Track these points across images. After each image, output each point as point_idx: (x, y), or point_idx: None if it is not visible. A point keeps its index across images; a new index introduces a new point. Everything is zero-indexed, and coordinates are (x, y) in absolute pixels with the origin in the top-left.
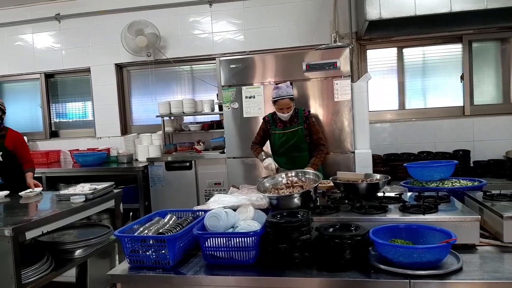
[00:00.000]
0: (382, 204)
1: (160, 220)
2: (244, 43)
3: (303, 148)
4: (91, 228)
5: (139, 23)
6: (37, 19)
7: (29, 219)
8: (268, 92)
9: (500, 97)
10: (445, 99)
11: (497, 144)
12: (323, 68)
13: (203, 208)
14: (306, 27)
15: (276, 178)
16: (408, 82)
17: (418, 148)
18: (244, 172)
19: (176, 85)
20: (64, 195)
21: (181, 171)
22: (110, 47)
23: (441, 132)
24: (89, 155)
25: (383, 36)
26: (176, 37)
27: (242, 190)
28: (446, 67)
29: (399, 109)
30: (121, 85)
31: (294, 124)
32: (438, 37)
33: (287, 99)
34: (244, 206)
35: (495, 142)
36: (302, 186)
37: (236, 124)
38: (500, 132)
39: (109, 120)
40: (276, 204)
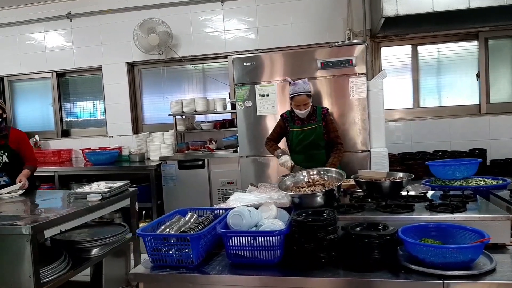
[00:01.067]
0: (408, 203)
1: (181, 218)
2: (256, 41)
3: (321, 146)
4: (106, 226)
5: (151, 21)
6: (48, 18)
7: (46, 217)
8: (282, 90)
9: None
10: (460, 97)
11: None
12: (338, 66)
13: (224, 206)
14: (319, 24)
15: (298, 176)
16: (423, 80)
17: (433, 147)
18: (257, 171)
19: (187, 84)
20: (80, 193)
21: (193, 170)
22: (121, 46)
23: (457, 130)
24: (101, 154)
25: (398, 34)
26: (188, 36)
27: (261, 188)
28: (461, 64)
29: (414, 107)
30: (132, 84)
31: (312, 121)
32: (454, 34)
33: (304, 95)
34: (266, 204)
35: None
36: (324, 185)
37: (249, 123)
38: None
39: (121, 119)
40: (299, 202)
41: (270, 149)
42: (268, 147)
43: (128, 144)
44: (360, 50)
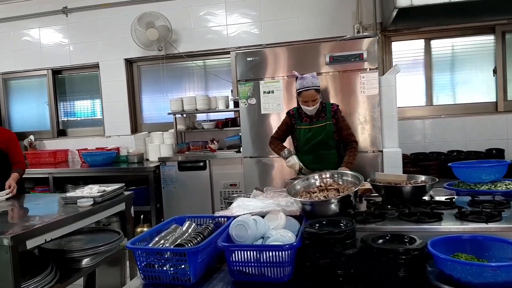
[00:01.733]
0: (435, 211)
1: (178, 228)
2: (260, 36)
3: (331, 145)
4: (100, 233)
5: (149, 15)
6: (44, 13)
7: (30, 226)
8: (288, 86)
9: None
10: (476, 94)
11: None
12: (348, 60)
13: (226, 214)
14: (326, 18)
15: (309, 180)
16: (436, 76)
17: (447, 147)
18: (261, 173)
19: (188, 81)
20: (70, 198)
21: (194, 171)
22: (119, 42)
23: (472, 129)
24: (98, 155)
25: (410, 27)
26: (188, 30)
27: (267, 193)
28: (477, 60)
29: (426, 105)
30: (131, 81)
31: (322, 119)
32: (469, 27)
33: (312, 90)
34: (273, 212)
35: None
36: (338, 190)
37: (253, 121)
38: None
39: (119, 118)
40: (310, 210)
41: (275, 148)
42: (273, 146)
43: (126, 144)
44: (371, 44)
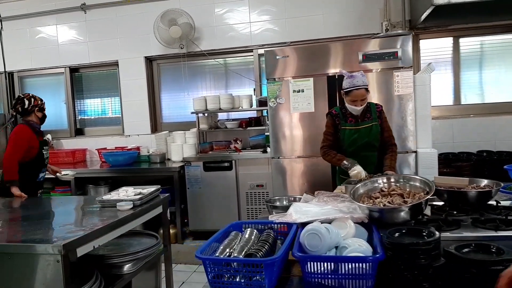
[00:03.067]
0: (509, 217)
1: (238, 235)
2: (284, 33)
3: (375, 147)
4: (136, 237)
5: (172, 12)
6: (61, 10)
7: (77, 232)
8: (318, 85)
9: None
10: (504, 94)
11: None
12: (382, 59)
13: (286, 220)
14: (353, 15)
15: (372, 184)
16: (465, 75)
17: (476, 147)
18: (290, 174)
19: (208, 79)
20: (108, 201)
21: (220, 171)
22: (139, 39)
23: (502, 129)
24: (119, 154)
25: (439, 25)
26: (210, 28)
27: (320, 197)
28: (506, 58)
29: (455, 104)
30: (151, 80)
31: (367, 119)
32: (498, 25)
33: (362, 90)
34: (341, 219)
35: None
36: (402, 195)
37: (282, 121)
38: None
39: (138, 117)
40: (379, 217)
41: (333, 159)
42: (329, 158)
43: (146, 144)
44: (406, 42)
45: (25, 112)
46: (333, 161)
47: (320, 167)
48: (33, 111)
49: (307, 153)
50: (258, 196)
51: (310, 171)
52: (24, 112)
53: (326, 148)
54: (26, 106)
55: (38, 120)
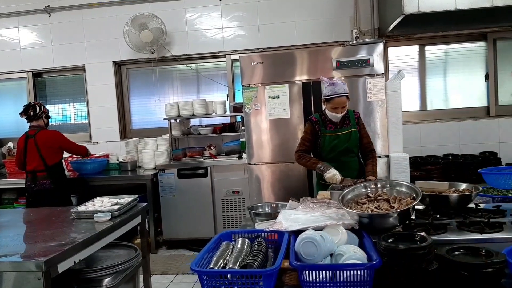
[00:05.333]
0: (491, 220)
1: (229, 245)
2: (257, 39)
3: (354, 152)
4: (113, 249)
5: (143, 16)
6: (24, 12)
7: (58, 247)
8: (293, 91)
9: None
10: (468, 99)
11: None
12: (355, 66)
13: (276, 228)
14: (325, 23)
15: (358, 190)
16: (430, 82)
17: (443, 151)
18: (267, 180)
19: (180, 85)
20: (84, 212)
21: (195, 178)
22: (107, 43)
23: (466, 133)
24: (88, 163)
25: (406, 33)
26: (182, 33)
27: (305, 203)
28: (469, 65)
29: (421, 109)
30: (119, 85)
31: (346, 126)
32: (462, 34)
33: (344, 97)
34: (332, 226)
35: None
36: (388, 200)
37: (258, 127)
38: None
39: (107, 124)
40: (368, 223)
41: (308, 163)
42: (303, 161)
43: (115, 151)
44: (378, 49)
45: (35, 117)
46: (308, 164)
47: (296, 172)
48: (41, 117)
49: (283, 158)
50: (234, 202)
51: (286, 177)
52: (35, 116)
53: (301, 152)
54: (37, 111)
55: (44, 126)
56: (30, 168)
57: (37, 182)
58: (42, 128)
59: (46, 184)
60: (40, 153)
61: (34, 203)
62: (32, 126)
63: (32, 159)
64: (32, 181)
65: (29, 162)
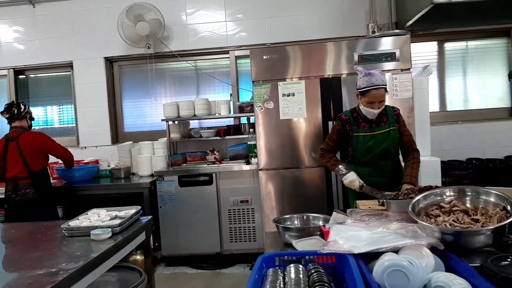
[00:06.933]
0: None
1: (278, 273)
2: (264, 34)
3: (392, 154)
4: (112, 272)
5: (140, 6)
6: (5, 2)
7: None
8: (310, 88)
9: None
10: (490, 100)
11: None
12: (379, 60)
13: (334, 249)
14: (337, 16)
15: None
16: (449, 80)
17: (465, 154)
18: (281, 188)
19: (178, 84)
20: (78, 229)
21: (198, 186)
22: (98, 38)
23: (489, 136)
24: (76, 169)
25: (425, 29)
26: (182, 26)
27: (354, 215)
28: (490, 63)
29: (441, 110)
30: (111, 84)
31: (384, 124)
32: (483, 30)
33: (382, 89)
34: (413, 247)
35: None
36: (467, 212)
37: (271, 128)
38: None
39: (96, 126)
40: (453, 240)
41: (328, 163)
42: (325, 161)
43: (106, 156)
44: (404, 42)
45: (19, 116)
46: (328, 165)
47: (313, 179)
48: (26, 117)
49: (299, 163)
50: (243, 213)
51: (301, 184)
52: (19, 116)
53: (324, 151)
54: (22, 110)
55: (28, 128)
56: (11, 175)
57: (19, 192)
58: (25, 130)
59: (29, 194)
60: (23, 158)
61: (15, 216)
62: (14, 127)
63: (14, 164)
64: (13, 190)
65: (9, 168)
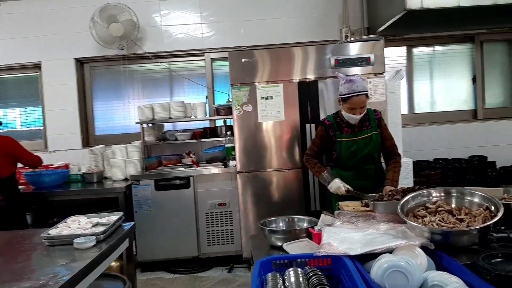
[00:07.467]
0: None
1: (277, 278)
2: (240, 37)
3: (375, 159)
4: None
5: (113, 7)
6: None
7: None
8: (289, 91)
9: (509, 100)
10: (455, 102)
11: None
12: (355, 64)
13: (330, 252)
14: (312, 20)
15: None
16: (417, 84)
17: (432, 155)
18: (260, 190)
19: (152, 86)
20: (59, 237)
21: (175, 190)
22: (68, 38)
23: (455, 137)
24: (46, 174)
25: (396, 34)
26: (156, 28)
27: (342, 217)
28: (456, 68)
29: (409, 112)
30: (82, 85)
31: (366, 128)
32: (450, 36)
33: (363, 96)
34: (406, 248)
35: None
36: (451, 212)
37: (249, 131)
38: None
39: (66, 129)
40: (441, 240)
41: (313, 170)
42: (309, 166)
43: (77, 160)
44: (378, 47)
45: None
46: (313, 171)
47: (291, 181)
48: None
49: (278, 166)
50: (220, 216)
51: (280, 186)
52: None
53: (308, 156)
54: None
55: None
56: None
57: None
58: None
59: None
60: None
61: None
62: None
63: None
64: None
65: None
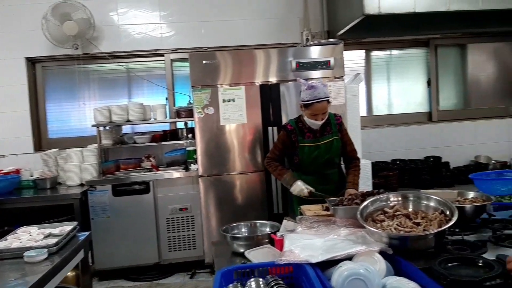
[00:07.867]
0: None
1: None
2: (200, 38)
3: (336, 163)
4: None
5: (67, 4)
6: None
7: None
8: (251, 94)
9: (461, 102)
10: (411, 105)
11: (465, 149)
12: (315, 68)
13: (292, 260)
14: (274, 23)
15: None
16: (375, 87)
17: (390, 156)
18: (222, 194)
19: (108, 87)
20: (8, 250)
21: (134, 196)
22: (18, 36)
23: (412, 138)
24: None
25: (354, 38)
26: (113, 27)
27: (304, 223)
28: (412, 71)
29: (368, 115)
30: (33, 86)
31: (327, 133)
32: (406, 40)
33: (325, 102)
34: (366, 254)
35: (463, 148)
36: (408, 216)
37: (211, 134)
38: (466, 137)
39: (16, 133)
40: (399, 245)
41: (274, 172)
42: (271, 169)
43: (28, 165)
44: (338, 51)
45: None
46: (275, 174)
47: (254, 183)
48: None
49: (240, 169)
50: (182, 221)
51: (243, 190)
52: None
53: (269, 160)
54: None
55: None
56: None
57: None
58: None
59: None
60: None
61: None
62: None
63: None
64: None
65: None
